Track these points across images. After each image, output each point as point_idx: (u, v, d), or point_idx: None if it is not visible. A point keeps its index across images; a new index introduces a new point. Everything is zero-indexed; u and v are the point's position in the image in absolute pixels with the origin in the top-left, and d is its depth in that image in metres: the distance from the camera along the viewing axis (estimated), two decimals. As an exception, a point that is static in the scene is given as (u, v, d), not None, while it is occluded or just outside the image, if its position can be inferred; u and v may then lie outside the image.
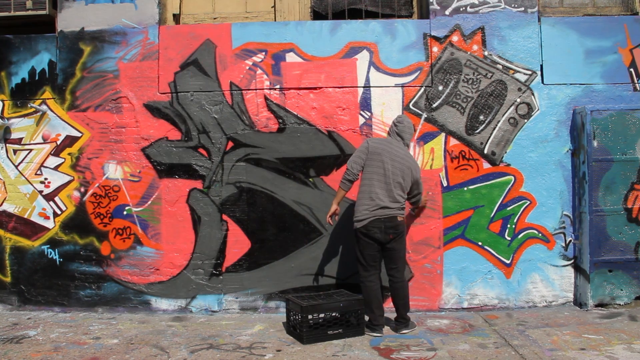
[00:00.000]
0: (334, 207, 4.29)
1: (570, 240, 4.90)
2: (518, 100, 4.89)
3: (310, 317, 4.01)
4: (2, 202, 5.03)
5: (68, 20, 5.01)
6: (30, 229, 5.01)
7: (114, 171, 4.97)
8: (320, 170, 4.90)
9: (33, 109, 5.01)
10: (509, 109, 4.89)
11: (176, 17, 5.24)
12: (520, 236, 4.88)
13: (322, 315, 4.09)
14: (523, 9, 4.92)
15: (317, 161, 4.90)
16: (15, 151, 5.03)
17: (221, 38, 4.95)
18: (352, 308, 4.17)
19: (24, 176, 5.01)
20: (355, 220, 4.18)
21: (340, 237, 4.87)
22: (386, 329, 4.26)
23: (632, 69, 4.93)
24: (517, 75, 4.90)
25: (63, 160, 4.99)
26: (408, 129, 4.28)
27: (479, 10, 4.92)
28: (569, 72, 4.91)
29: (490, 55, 4.90)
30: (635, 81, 4.92)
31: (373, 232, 4.09)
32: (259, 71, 4.93)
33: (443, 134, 4.89)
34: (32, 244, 5.01)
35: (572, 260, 4.90)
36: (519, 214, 4.88)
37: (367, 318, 4.20)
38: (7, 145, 5.03)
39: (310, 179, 4.90)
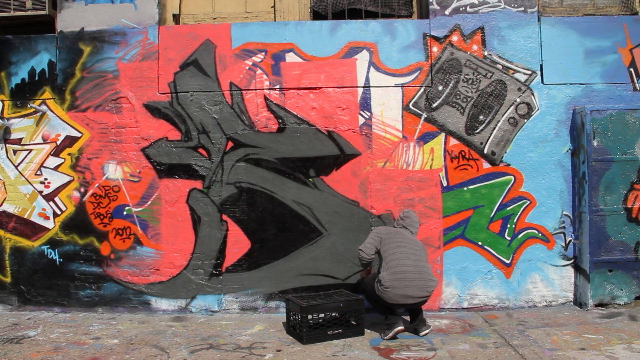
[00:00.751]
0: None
1: (570, 240, 4.90)
2: (518, 100, 4.89)
3: (310, 317, 4.01)
4: (2, 202, 5.03)
5: (68, 21, 5.01)
6: (30, 229, 5.01)
7: (113, 171, 4.96)
8: (320, 170, 4.90)
9: (33, 109, 5.01)
10: (508, 108, 4.89)
11: (176, 17, 5.23)
12: (520, 236, 4.88)
13: (321, 315, 4.09)
14: (523, 8, 4.92)
15: (317, 161, 4.90)
16: (15, 151, 5.03)
17: (221, 38, 4.95)
18: (351, 308, 4.17)
19: (23, 176, 5.01)
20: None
21: (340, 237, 4.87)
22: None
23: (632, 69, 4.93)
24: (517, 75, 4.90)
25: (63, 160, 4.99)
26: (415, 223, 4.40)
27: (478, 10, 4.92)
28: (569, 72, 4.91)
29: (490, 55, 4.90)
30: (635, 81, 4.93)
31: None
32: (259, 71, 4.93)
33: (443, 134, 4.89)
34: (32, 244, 5.00)
35: (572, 260, 4.90)
36: (519, 213, 4.88)
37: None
38: (7, 145, 5.03)
39: (310, 179, 4.90)
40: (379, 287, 4.05)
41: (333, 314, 4.12)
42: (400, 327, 4.06)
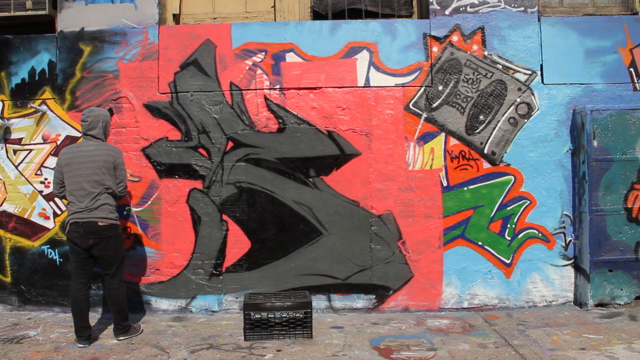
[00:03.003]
0: None
1: (570, 240, 4.90)
2: (518, 100, 4.89)
3: (252, 314, 4.09)
4: (2, 202, 5.03)
5: (68, 21, 5.01)
6: (30, 229, 5.01)
7: (114, 171, 4.96)
8: (320, 170, 4.90)
9: (33, 109, 5.01)
10: (508, 108, 4.89)
11: (176, 17, 5.24)
12: (520, 236, 4.88)
13: (265, 314, 4.11)
14: (523, 8, 4.92)
15: (317, 161, 4.90)
16: (15, 151, 5.03)
17: (221, 38, 4.95)
18: (298, 309, 4.14)
19: (24, 176, 5.01)
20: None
21: (340, 237, 4.87)
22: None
23: (632, 69, 4.93)
24: (517, 75, 4.90)
25: (63, 160, 4.99)
26: (95, 123, 4.13)
27: (478, 10, 4.92)
28: (569, 72, 4.91)
29: (490, 55, 4.90)
30: (635, 81, 4.93)
31: (73, 237, 4.00)
32: (259, 71, 4.93)
33: (443, 134, 4.89)
34: (32, 244, 5.01)
35: (572, 260, 4.90)
36: (519, 213, 4.88)
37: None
38: (7, 145, 5.03)
39: (310, 179, 4.90)
40: None
41: (277, 314, 4.11)
42: None
